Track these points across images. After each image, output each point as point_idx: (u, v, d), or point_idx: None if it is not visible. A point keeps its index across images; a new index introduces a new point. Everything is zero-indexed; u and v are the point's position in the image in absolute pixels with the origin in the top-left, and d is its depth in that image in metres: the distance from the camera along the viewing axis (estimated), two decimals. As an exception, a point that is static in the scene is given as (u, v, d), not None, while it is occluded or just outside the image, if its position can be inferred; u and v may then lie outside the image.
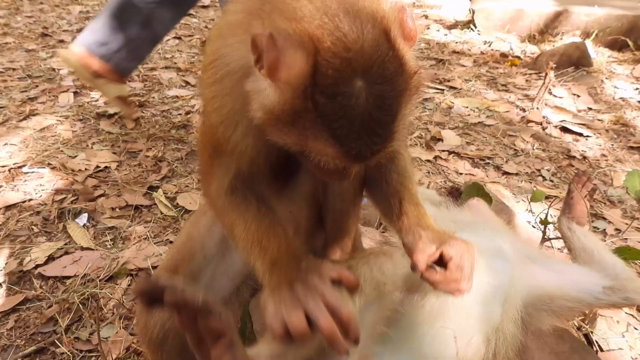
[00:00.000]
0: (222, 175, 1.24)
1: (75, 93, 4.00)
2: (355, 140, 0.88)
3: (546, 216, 2.24)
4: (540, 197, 2.36)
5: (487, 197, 2.20)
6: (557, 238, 2.28)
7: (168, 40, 5.59)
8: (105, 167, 3.01)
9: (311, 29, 0.86)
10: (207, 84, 1.10)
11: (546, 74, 3.89)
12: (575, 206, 1.93)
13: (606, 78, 4.78)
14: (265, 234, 1.16)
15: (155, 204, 2.69)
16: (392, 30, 0.90)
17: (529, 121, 3.90)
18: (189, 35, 5.85)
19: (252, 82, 0.96)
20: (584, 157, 3.44)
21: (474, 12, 6.26)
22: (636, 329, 2.03)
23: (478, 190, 2.21)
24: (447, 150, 3.41)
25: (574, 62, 4.89)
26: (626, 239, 2.55)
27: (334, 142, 0.89)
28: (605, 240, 2.50)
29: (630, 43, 5.44)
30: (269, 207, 1.24)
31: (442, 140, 3.55)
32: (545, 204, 2.83)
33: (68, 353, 1.80)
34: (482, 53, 5.60)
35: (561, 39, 5.75)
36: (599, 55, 5.39)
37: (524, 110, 4.12)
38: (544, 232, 2.27)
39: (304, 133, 0.90)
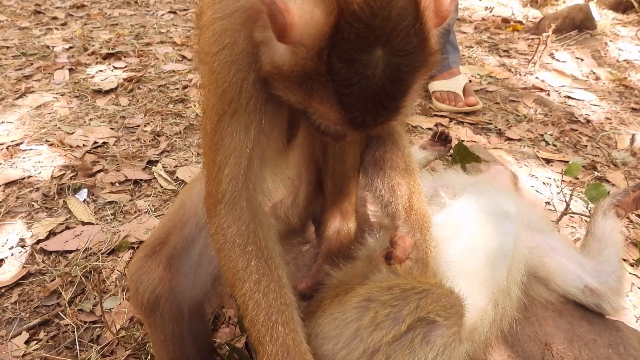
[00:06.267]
0: (238, 145, 1.03)
1: (70, 70, 3.95)
2: (362, 109, 0.85)
3: (566, 194, 2.21)
4: (577, 170, 2.25)
5: (474, 157, 2.17)
6: (573, 214, 2.25)
7: (163, 14, 5.50)
8: (104, 142, 2.98)
9: None
10: (214, 19, 0.99)
11: (540, 41, 3.82)
12: (628, 198, 1.78)
13: (610, 40, 4.69)
14: (266, 317, 1.02)
15: (155, 178, 2.68)
16: (422, 1, 0.84)
17: (532, 86, 3.84)
18: (184, 10, 5.75)
19: (262, 30, 0.90)
20: (588, 121, 3.39)
21: (474, -23, 6.11)
22: (639, 288, 2.03)
23: (465, 150, 2.17)
24: (449, 117, 3.36)
25: (578, 25, 4.78)
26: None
27: (340, 108, 0.85)
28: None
29: (635, 4, 5.32)
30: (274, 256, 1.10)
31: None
32: (549, 170, 2.81)
33: (72, 324, 1.81)
34: (483, 19, 5.49)
35: (564, 2, 5.63)
36: (603, 17, 5.28)
37: (526, 75, 4.05)
38: (567, 204, 2.22)
39: (310, 94, 0.87)
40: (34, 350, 1.74)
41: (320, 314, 1.16)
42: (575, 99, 3.68)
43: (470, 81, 3.92)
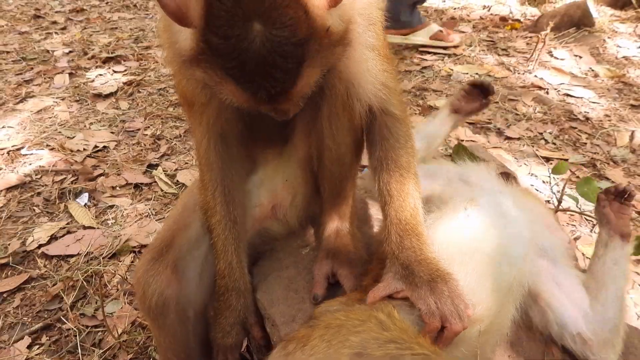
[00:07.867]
0: (197, 128, 1.28)
1: (70, 74, 3.96)
2: (253, 82, 0.89)
3: (562, 192, 2.20)
4: (564, 170, 2.18)
5: (473, 156, 2.17)
6: (565, 211, 2.23)
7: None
8: (104, 146, 3.00)
9: None
10: (162, 31, 1.11)
11: (538, 40, 3.81)
12: (612, 220, 1.54)
13: (608, 37, 4.68)
14: (221, 251, 1.36)
15: (155, 181, 2.69)
16: None
17: (530, 85, 3.84)
18: (183, 12, 5.75)
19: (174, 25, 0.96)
20: (587, 119, 3.39)
21: (472, -24, 6.10)
22: (640, 285, 2.03)
23: (464, 150, 2.18)
24: (448, 117, 3.36)
25: (576, 22, 4.78)
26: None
27: (232, 82, 0.90)
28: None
29: (633, 0, 5.31)
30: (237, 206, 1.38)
31: (437, 108, 3.49)
32: (548, 169, 2.81)
33: (74, 329, 1.82)
34: (481, 18, 5.49)
35: (562, -1, 5.63)
36: (601, 14, 5.28)
37: (525, 74, 4.05)
38: (559, 201, 2.19)
39: (209, 72, 0.92)
40: (36, 354, 1.75)
41: (308, 351, 1.07)
42: (574, 96, 3.68)
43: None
